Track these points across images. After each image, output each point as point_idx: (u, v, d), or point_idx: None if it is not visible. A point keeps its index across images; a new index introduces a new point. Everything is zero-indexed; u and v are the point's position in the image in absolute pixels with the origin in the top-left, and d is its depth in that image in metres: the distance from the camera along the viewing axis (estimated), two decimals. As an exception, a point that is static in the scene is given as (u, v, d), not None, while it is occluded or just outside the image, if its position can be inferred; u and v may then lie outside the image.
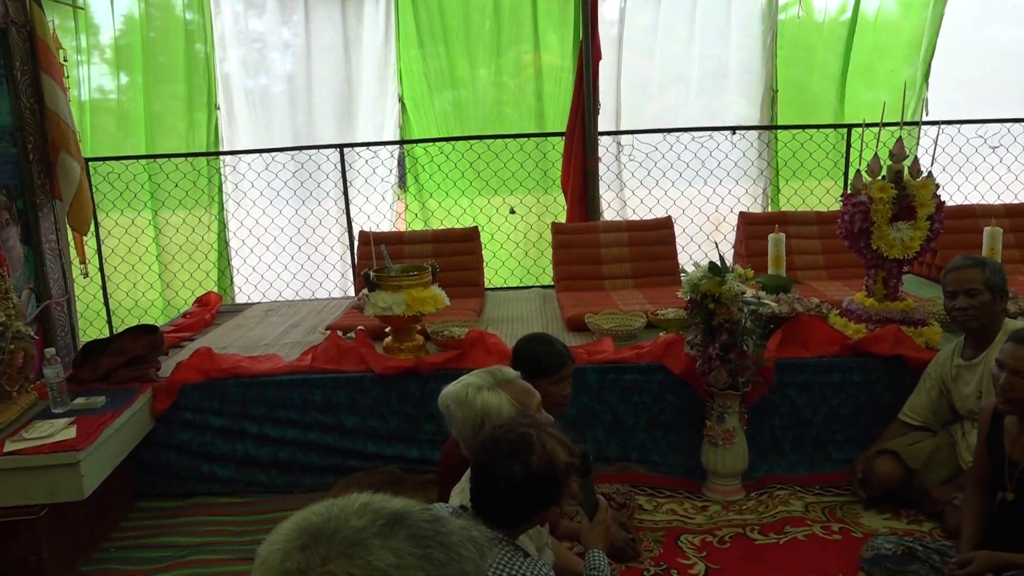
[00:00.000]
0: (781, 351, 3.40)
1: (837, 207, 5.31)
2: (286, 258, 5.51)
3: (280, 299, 5.43)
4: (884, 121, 3.56)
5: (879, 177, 3.41)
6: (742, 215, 4.79)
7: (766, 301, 3.24)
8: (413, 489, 3.44)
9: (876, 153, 3.43)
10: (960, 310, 2.97)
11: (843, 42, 5.83)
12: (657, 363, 3.42)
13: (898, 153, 3.37)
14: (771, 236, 3.74)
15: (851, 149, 5.17)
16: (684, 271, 3.33)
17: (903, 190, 3.36)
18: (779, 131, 5.40)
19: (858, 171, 3.47)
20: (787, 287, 3.60)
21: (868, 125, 3.93)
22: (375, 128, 5.61)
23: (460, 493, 2.13)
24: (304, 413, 3.46)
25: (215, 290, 5.51)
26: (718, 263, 3.18)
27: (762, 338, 3.29)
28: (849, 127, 5.15)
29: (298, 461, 3.50)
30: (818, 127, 5.21)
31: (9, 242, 3.89)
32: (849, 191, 3.47)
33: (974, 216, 4.60)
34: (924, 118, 5.47)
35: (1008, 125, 5.16)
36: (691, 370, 3.32)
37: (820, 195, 5.52)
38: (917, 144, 5.48)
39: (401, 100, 5.58)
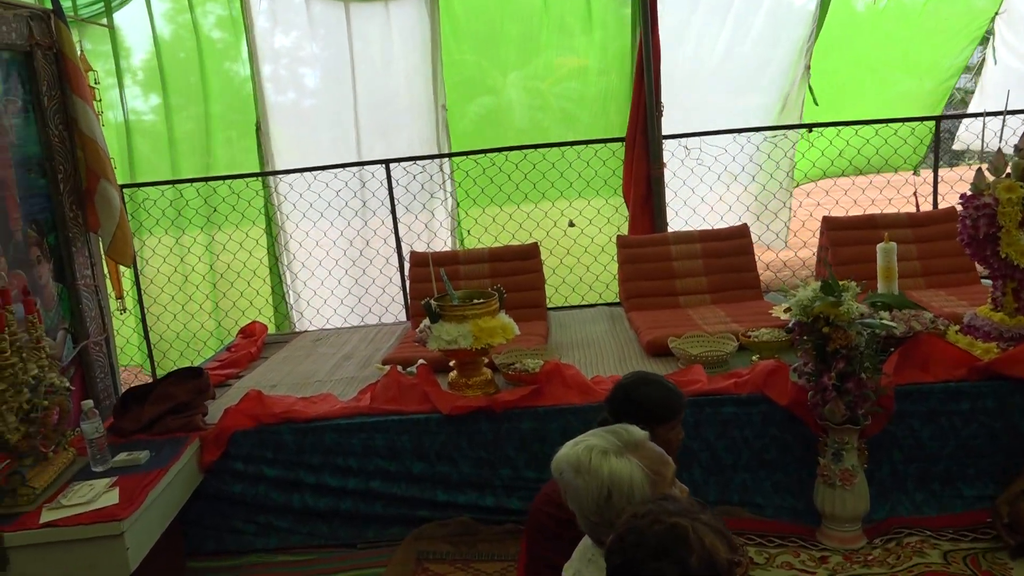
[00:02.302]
0: (900, 376, 3.00)
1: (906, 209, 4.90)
2: (332, 282, 5.20)
3: (328, 326, 5.12)
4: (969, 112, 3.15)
5: (1004, 175, 3.01)
6: (826, 219, 4.38)
7: (887, 322, 2.84)
8: (490, 541, 3.09)
9: (1000, 148, 3.02)
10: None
11: (883, 31, 5.48)
12: (759, 394, 3.04)
13: (1026, 146, 2.96)
14: (880, 246, 3.33)
15: (940, 143, 4.72)
16: (786, 290, 2.95)
17: (1035, 189, 2.95)
18: (851, 126, 4.97)
19: (979, 169, 3.06)
20: (903, 305, 3.19)
21: (976, 115, 3.51)
22: (420, 141, 5.29)
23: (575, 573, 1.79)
24: (365, 460, 3.13)
25: (263, 318, 5.23)
26: (828, 279, 2.81)
27: (879, 363, 2.90)
28: (938, 119, 4.71)
29: (361, 512, 3.17)
30: (903, 120, 4.77)
31: (41, 280, 3.61)
32: (970, 191, 3.06)
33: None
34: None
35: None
36: (799, 401, 2.93)
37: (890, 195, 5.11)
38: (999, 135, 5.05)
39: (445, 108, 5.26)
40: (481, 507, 3.14)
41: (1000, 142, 3.02)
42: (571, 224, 5.09)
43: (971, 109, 6.06)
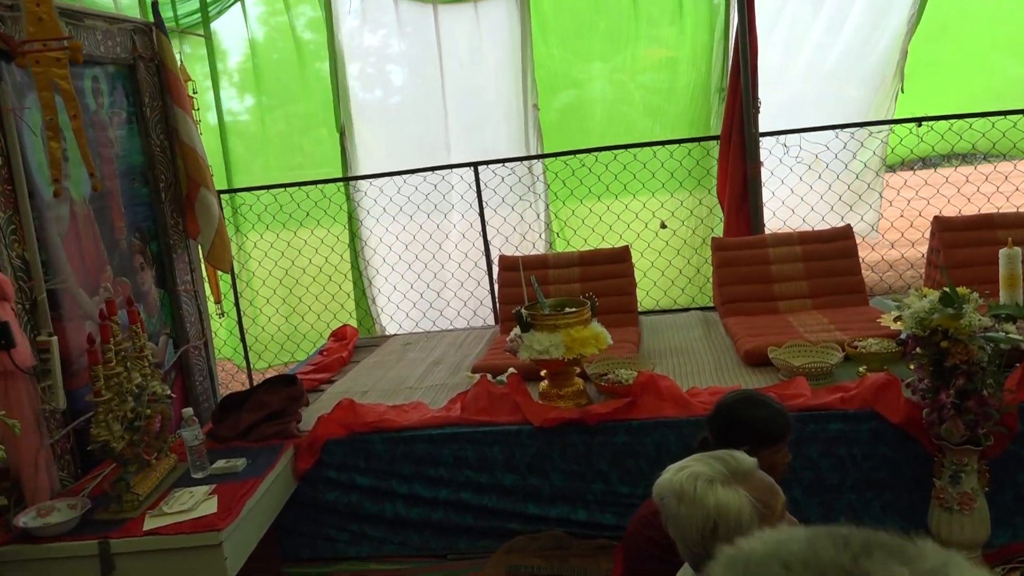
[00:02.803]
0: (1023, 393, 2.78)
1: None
2: (421, 285, 5.21)
3: (417, 330, 5.14)
4: None
5: None
6: (937, 219, 4.11)
7: (1013, 336, 2.63)
8: (582, 556, 3.03)
9: None
10: None
11: (989, 13, 5.11)
12: (868, 410, 2.87)
13: None
14: (1003, 252, 3.10)
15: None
16: (899, 299, 2.77)
17: None
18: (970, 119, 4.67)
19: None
20: (1026, 315, 2.96)
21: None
22: (508, 140, 5.25)
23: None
24: (456, 471, 3.11)
25: (351, 320, 5.29)
26: (948, 288, 2.62)
27: (1002, 379, 2.69)
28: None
29: (452, 523, 3.15)
30: (1007, 113, 4.43)
31: (144, 287, 3.73)
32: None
33: None
34: None
35: None
36: (914, 419, 2.76)
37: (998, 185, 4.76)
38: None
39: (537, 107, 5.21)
40: (573, 521, 3.07)
41: None
42: (663, 226, 4.95)
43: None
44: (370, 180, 5.18)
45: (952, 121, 4.69)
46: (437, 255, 5.20)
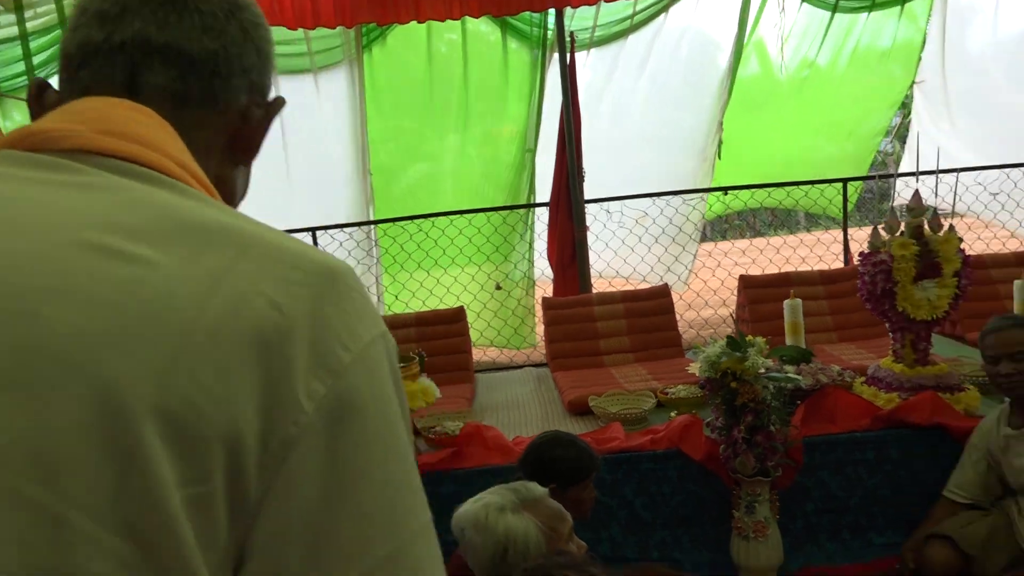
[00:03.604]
0: (808, 428, 3.09)
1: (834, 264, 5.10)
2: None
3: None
4: (885, 172, 3.35)
5: (898, 232, 3.18)
6: (743, 278, 4.53)
7: (792, 375, 2.94)
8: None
9: (892, 206, 3.20)
10: (1006, 376, 2.70)
11: (803, 97, 5.83)
12: (675, 449, 3.09)
13: (916, 206, 3.14)
14: (787, 303, 3.47)
15: (847, 203, 4.97)
16: (698, 347, 3.04)
17: (925, 246, 3.12)
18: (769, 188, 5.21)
19: (875, 227, 3.23)
20: (807, 358, 3.31)
21: (883, 176, 3.71)
22: (349, 208, 5.35)
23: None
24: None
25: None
26: (735, 335, 2.90)
27: (787, 415, 2.99)
28: (845, 181, 4.95)
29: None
30: (813, 183, 5.02)
31: None
32: (867, 248, 3.22)
33: (985, 267, 4.36)
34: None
35: (1007, 170, 5.00)
36: (713, 456, 2.99)
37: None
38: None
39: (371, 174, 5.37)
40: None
41: (936, 199, 3.21)
42: (498, 287, 5.16)
43: (902, 170, 6.40)
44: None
45: (770, 189, 5.23)
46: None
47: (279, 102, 0.72)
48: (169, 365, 0.45)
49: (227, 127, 0.67)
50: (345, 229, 5.03)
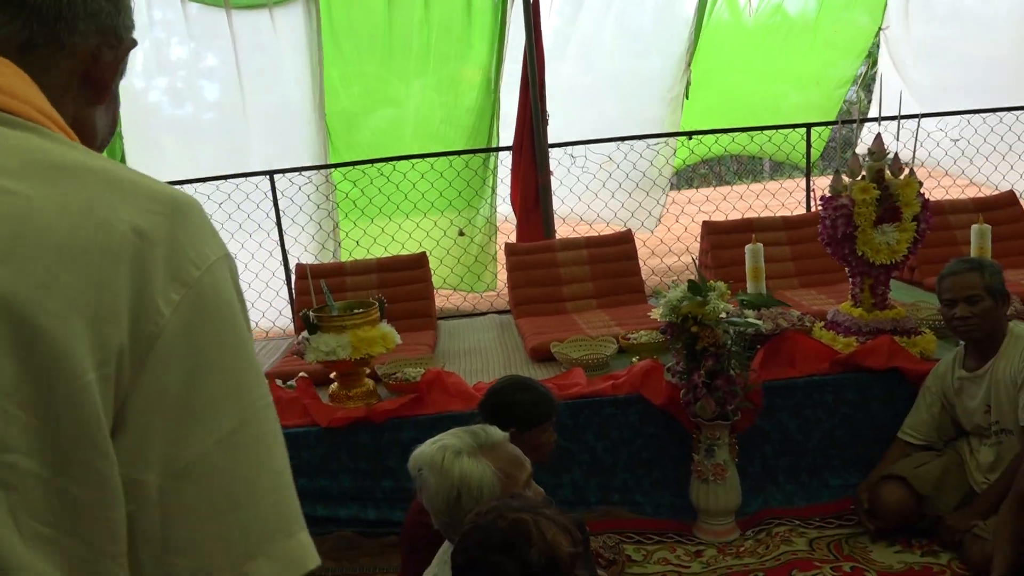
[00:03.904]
0: (767, 372, 3.11)
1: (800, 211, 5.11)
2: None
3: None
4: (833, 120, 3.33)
5: (859, 177, 3.17)
6: (706, 224, 4.52)
7: (752, 320, 2.94)
8: (372, 554, 3.05)
9: (854, 151, 3.18)
10: (961, 319, 2.72)
11: (771, 44, 5.79)
12: (636, 394, 3.09)
13: (878, 150, 3.13)
14: (748, 247, 3.46)
15: (811, 149, 4.95)
16: (660, 292, 3.02)
17: (886, 190, 3.12)
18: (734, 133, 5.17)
19: (837, 171, 3.21)
20: (769, 304, 3.31)
21: (846, 122, 3.69)
22: (310, 154, 5.21)
23: (435, 577, 1.78)
24: (242, 478, 3.04)
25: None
26: (696, 280, 2.89)
27: (747, 360, 3.00)
28: (808, 126, 4.93)
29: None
30: (777, 127, 4.99)
31: None
32: (828, 192, 3.21)
33: (943, 213, 4.39)
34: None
35: (968, 117, 5.02)
36: (674, 400, 3.00)
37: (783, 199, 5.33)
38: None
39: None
40: (363, 520, 3.09)
41: (898, 145, 3.19)
42: (461, 233, 5.10)
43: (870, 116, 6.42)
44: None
45: (735, 134, 5.19)
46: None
47: (130, 44, 0.75)
48: (49, 279, 0.54)
49: (77, 69, 0.70)
50: (304, 173, 4.90)
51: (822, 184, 4.97)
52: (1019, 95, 5.04)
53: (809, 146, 4.92)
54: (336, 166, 5.04)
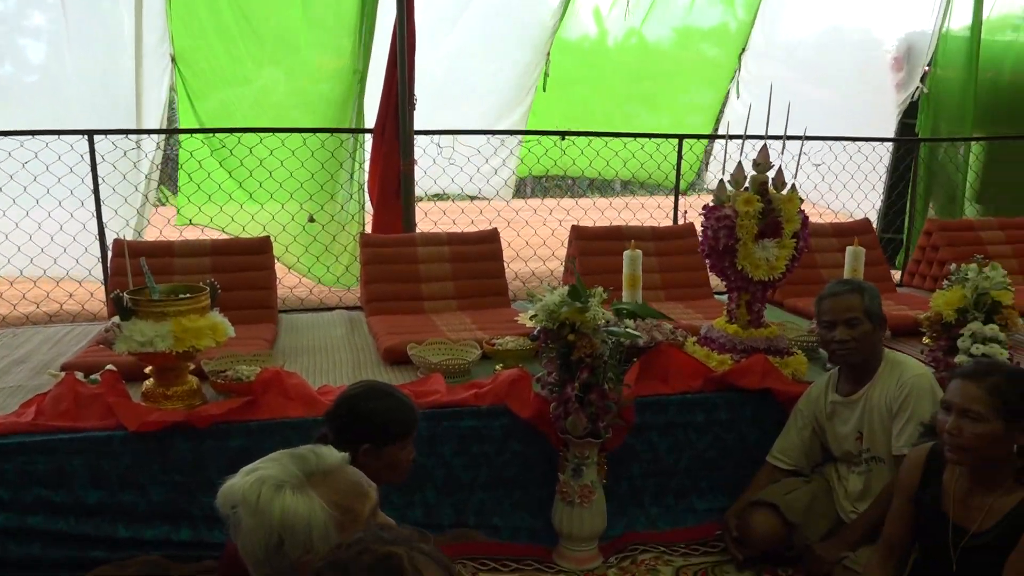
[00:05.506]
0: (641, 387, 2.91)
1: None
2: (12, 271, 4.31)
3: (3, 326, 4.23)
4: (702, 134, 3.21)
5: (743, 188, 3.04)
6: (575, 228, 4.32)
7: (632, 331, 2.73)
8: (183, 583, 2.58)
9: (740, 161, 3.05)
10: (840, 343, 2.62)
11: (630, 67, 5.88)
12: (501, 405, 2.80)
13: (763, 161, 3.01)
14: (627, 253, 3.26)
15: (682, 161, 4.87)
16: (534, 296, 2.74)
17: (769, 204, 3.00)
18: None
19: (721, 180, 3.07)
20: (648, 314, 3.12)
21: (733, 136, 3.57)
22: (143, 122, 4.60)
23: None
24: (21, 490, 2.49)
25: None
26: (576, 285, 2.64)
27: (621, 374, 2.78)
28: (681, 137, 4.85)
29: (11, 556, 2.51)
30: (650, 136, 4.89)
31: None
32: (712, 203, 3.06)
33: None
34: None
35: (830, 143, 5.14)
36: (542, 414, 2.74)
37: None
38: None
39: (173, 90, 4.65)
40: (174, 542, 2.61)
41: (780, 161, 3.10)
42: (311, 219, 4.64)
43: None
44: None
45: (590, 139, 5.04)
46: (36, 236, 4.31)
47: None
48: None
49: None
50: (131, 137, 4.27)
51: (682, 204, 4.99)
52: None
53: (680, 158, 4.85)
54: (170, 132, 4.45)
